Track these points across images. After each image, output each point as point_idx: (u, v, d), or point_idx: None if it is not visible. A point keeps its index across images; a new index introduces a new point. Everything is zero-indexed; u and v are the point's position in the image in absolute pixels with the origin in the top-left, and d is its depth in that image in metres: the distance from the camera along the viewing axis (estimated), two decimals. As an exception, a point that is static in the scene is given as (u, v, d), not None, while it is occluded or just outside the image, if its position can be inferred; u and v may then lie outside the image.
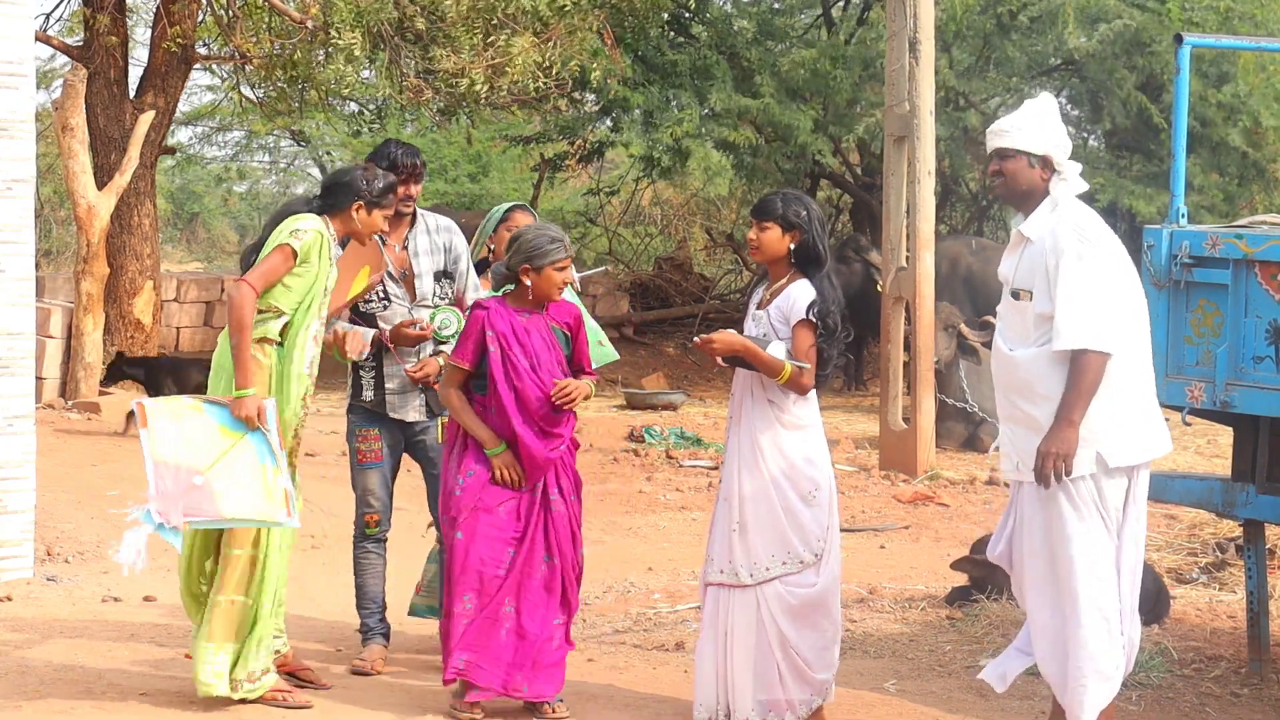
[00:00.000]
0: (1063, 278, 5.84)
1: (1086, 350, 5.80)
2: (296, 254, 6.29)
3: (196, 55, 15.24)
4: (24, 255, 8.44)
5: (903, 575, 9.48)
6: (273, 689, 6.39)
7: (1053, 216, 5.95)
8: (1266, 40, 13.38)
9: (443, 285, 7.00)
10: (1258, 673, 7.36)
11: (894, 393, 12.99)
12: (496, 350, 6.33)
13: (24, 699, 6.42)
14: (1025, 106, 6.12)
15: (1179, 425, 8.03)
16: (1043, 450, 5.83)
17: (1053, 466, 5.81)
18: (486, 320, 6.36)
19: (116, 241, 14.53)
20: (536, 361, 6.35)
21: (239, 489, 6.14)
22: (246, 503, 6.15)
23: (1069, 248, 5.86)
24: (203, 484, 6.10)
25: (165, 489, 6.06)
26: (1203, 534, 10.26)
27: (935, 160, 12.99)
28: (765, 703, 6.34)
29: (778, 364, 6.28)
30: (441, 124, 19.24)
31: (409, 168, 6.93)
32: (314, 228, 6.37)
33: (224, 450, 6.17)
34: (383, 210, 6.51)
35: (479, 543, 6.31)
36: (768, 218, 6.42)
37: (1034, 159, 6.00)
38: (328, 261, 6.40)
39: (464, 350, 6.39)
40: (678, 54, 17.07)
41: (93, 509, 10.05)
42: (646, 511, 11.21)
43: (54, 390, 13.82)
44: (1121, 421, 5.91)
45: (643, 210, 24.28)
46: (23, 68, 8.41)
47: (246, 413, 6.19)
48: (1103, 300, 5.84)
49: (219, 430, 6.20)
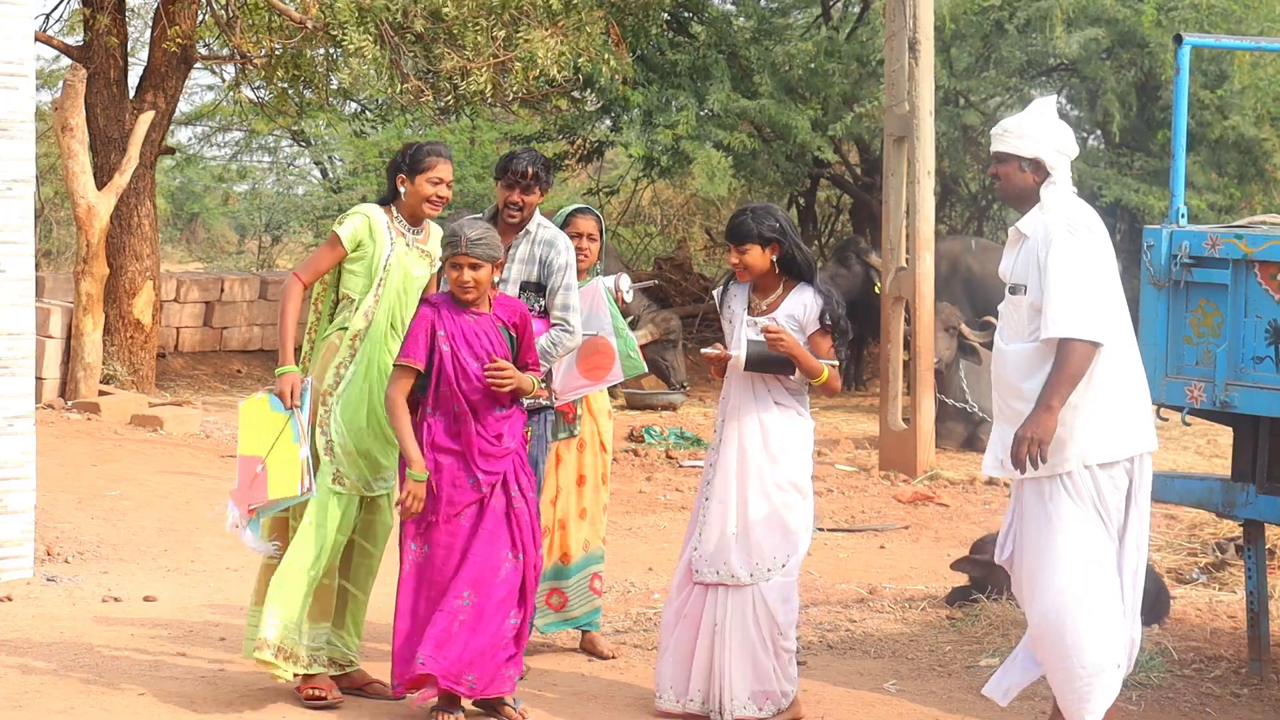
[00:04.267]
0: (1051, 268, 5.88)
1: (1073, 339, 5.82)
2: (342, 240, 6.51)
3: (196, 55, 15.22)
4: (24, 255, 8.44)
5: (903, 575, 9.49)
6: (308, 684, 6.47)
7: (1048, 213, 6.00)
8: (1266, 40, 13.37)
9: (528, 296, 6.87)
10: (1258, 673, 7.36)
11: (894, 393, 13.00)
12: (448, 350, 6.23)
13: (24, 699, 6.42)
14: (1027, 109, 6.17)
15: (1179, 425, 8.05)
16: (1019, 435, 5.85)
17: (1027, 451, 5.82)
18: (436, 318, 6.25)
19: (116, 241, 14.52)
20: (484, 364, 6.26)
21: (281, 470, 6.39)
22: (281, 482, 6.39)
23: (1057, 238, 5.91)
24: (262, 471, 6.40)
25: (242, 483, 6.42)
26: (1203, 534, 10.27)
27: (935, 160, 12.99)
28: (759, 694, 6.47)
29: (819, 366, 6.43)
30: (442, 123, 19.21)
31: (521, 174, 6.90)
32: (358, 211, 6.61)
33: (277, 434, 6.41)
34: (425, 175, 6.57)
35: (441, 553, 6.22)
36: (745, 240, 6.48)
37: (1025, 163, 6.05)
38: (384, 243, 6.53)
39: (411, 348, 6.25)
40: (677, 53, 17.07)
41: (93, 509, 10.05)
42: (646, 511, 11.21)
43: (54, 390, 13.81)
44: (1104, 417, 5.93)
45: (642, 210, 24.27)
46: (23, 68, 8.41)
47: (280, 389, 6.44)
48: (1090, 290, 5.87)
49: (275, 417, 6.45)
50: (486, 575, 6.23)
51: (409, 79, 14.22)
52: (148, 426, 13.06)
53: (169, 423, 13.09)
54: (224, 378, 16.66)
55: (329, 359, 6.54)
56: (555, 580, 7.34)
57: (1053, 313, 5.85)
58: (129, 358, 14.62)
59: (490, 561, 6.24)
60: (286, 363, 6.47)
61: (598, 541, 7.48)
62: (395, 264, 6.54)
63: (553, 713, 6.58)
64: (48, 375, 13.72)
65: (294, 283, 6.51)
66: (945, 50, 16.89)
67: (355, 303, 6.55)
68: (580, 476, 7.42)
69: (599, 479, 7.48)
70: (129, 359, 14.62)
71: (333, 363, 6.52)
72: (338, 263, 6.57)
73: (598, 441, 7.46)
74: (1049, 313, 5.86)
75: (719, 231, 23.29)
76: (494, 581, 6.24)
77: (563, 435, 7.33)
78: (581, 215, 7.42)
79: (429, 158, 6.59)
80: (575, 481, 7.40)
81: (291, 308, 6.46)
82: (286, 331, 6.48)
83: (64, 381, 13.90)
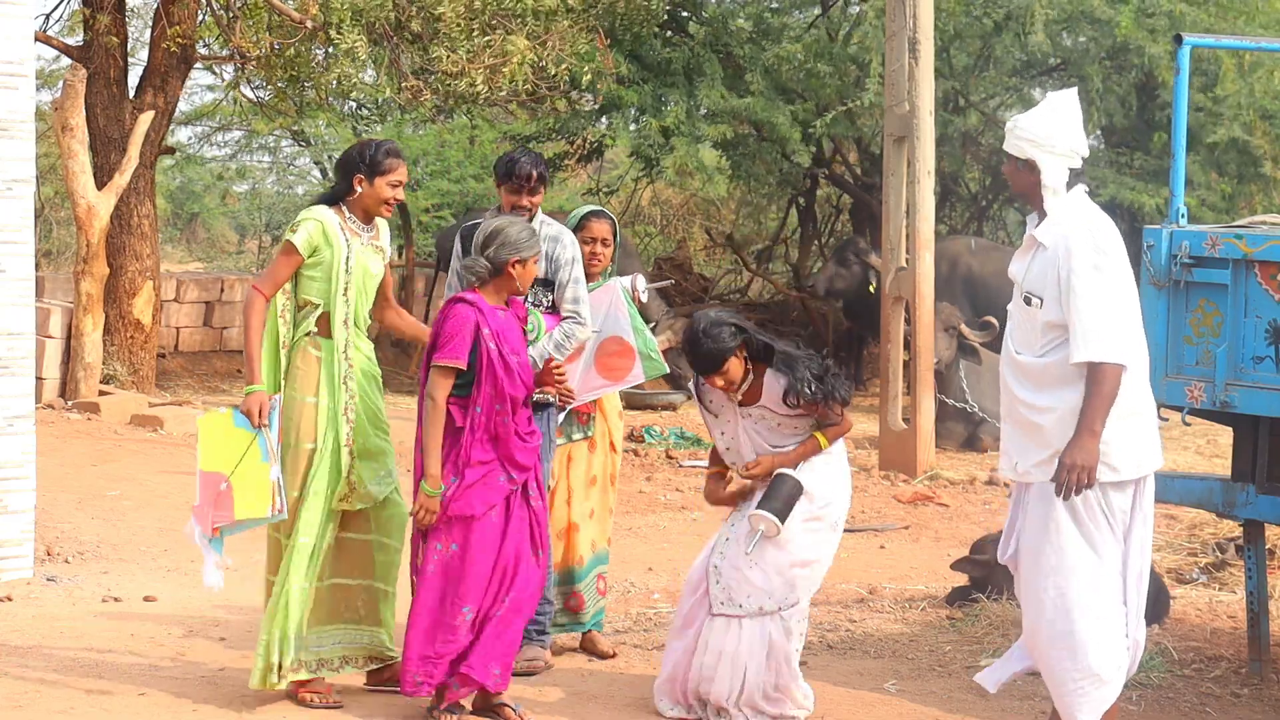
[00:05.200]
0: (1079, 289, 5.79)
1: (1105, 363, 5.77)
2: (297, 247, 6.40)
3: (196, 55, 15.22)
4: (24, 255, 8.44)
5: (903, 575, 9.49)
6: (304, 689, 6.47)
7: (1067, 223, 5.90)
8: (1267, 40, 13.37)
9: (537, 292, 6.87)
10: (1258, 673, 7.36)
11: (894, 393, 13.00)
12: (495, 349, 6.18)
13: (24, 699, 6.42)
14: (1039, 106, 6.12)
15: (1179, 425, 8.05)
16: (1066, 462, 5.78)
17: (1076, 479, 5.77)
18: (480, 318, 6.20)
19: (116, 241, 14.52)
20: (520, 359, 6.28)
21: (248, 489, 6.28)
22: (250, 503, 6.27)
23: (1085, 258, 5.81)
24: (226, 488, 6.28)
25: (204, 500, 6.29)
26: (1203, 534, 10.27)
27: (935, 160, 13.00)
28: (775, 715, 6.49)
29: (815, 445, 6.46)
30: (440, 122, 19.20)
31: (525, 178, 6.90)
32: (309, 216, 6.47)
33: (243, 452, 6.30)
34: (385, 177, 6.48)
35: (477, 552, 6.20)
36: (720, 363, 6.35)
37: (1020, 163, 6.01)
38: (340, 245, 6.44)
39: (459, 348, 6.15)
40: (672, 52, 17.05)
41: (93, 509, 10.06)
42: (646, 511, 11.21)
43: (54, 390, 13.82)
44: (1130, 434, 5.90)
45: (642, 210, 24.25)
46: (23, 68, 8.42)
47: (247, 407, 6.33)
48: (1120, 312, 5.81)
49: (239, 434, 6.33)
50: (521, 575, 6.25)
51: (407, 78, 14.22)
52: (148, 426, 13.07)
53: (169, 423, 13.09)
54: (224, 378, 16.66)
55: (313, 369, 6.44)
56: (571, 583, 7.33)
57: (1085, 336, 5.77)
58: (129, 358, 14.63)
59: (524, 561, 6.26)
60: (254, 381, 6.36)
61: (603, 542, 7.47)
62: (356, 264, 6.47)
63: (553, 713, 6.58)
64: (48, 375, 13.72)
65: (256, 297, 6.39)
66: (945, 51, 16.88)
67: (318, 307, 6.45)
68: (591, 477, 7.41)
69: (608, 479, 7.47)
70: (129, 359, 14.62)
71: (337, 378, 6.43)
72: (295, 270, 6.46)
73: (608, 441, 7.46)
74: (1081, 336, 5.78)
75: (719, 232, 23.28)
76: (527, 580, 6.27)
77: (577, 436, 7.32)
78: (596, 219, 7.38)
79: (388, 159, 6.49)
80: (586, 482, 7.40)
81: (256, 323, 6.37)
82: (253, 348, 6.37)
83: (64, 381, 13.90)
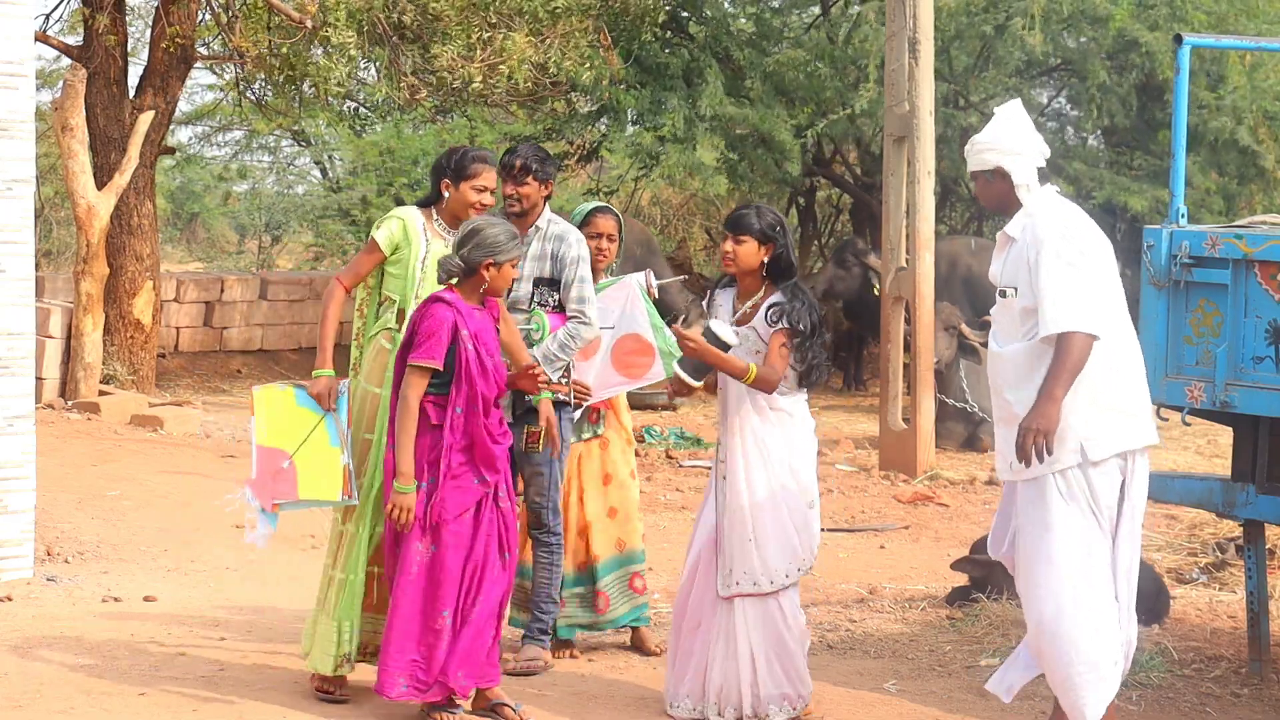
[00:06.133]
0: (1043, 268, 5.88)
1: (1071, 332, 5.81)
2: (379, 244, 6.62)
3: (196, 55, 15.22)
4: (24, 255, 8.44)
5: (903, 575, 9.49)
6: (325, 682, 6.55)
7: (1037, 214, 6.01)
8: (1267, 40, 13.37)
9: (542, 292, 6.91)
10: (1258, 673, 7.36)
11: (894, 393, 13.00)
12: (472, 350, 6.18)
13: (24, 699, 6.42)
14: (990, 121, 6.17)
15: (1179, 425, 8.05)
16: (1023, 426, 5.83)
17: (1033, 442, 5.80)
18: (459, 318, 6.19)
19: (116, 241, 14.51)
20: (494, 360, 6.28)
21: (315, 471, 6.44)
22: (317, 484, 6.44)
23: (1048, 239, 5.91)
24: (289, 467, 6.44)
25: (262, 473, 6.44)
26: (1203, 534, 10.27)
27: (935, 160, 13.00)
28: (779, 696, 6.49)
29: (742, 367, 6.36)
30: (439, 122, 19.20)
31: (507, 166, 6.96)
32: (394, 215, 6.72)
33: (308, 432, 6.46)
34: (470, 182, 6.63)
35: (451, 554, 6.19)
36: (744, 232, 6.47)
37: (989, 174, 6.07)
38: (420, 244, 6.62)
39: (435, 348, 6.13)
40: (671, 55, 17.03)
41: (93, 509, 10.05)
42: (646, 511, 11.15)
43: (54, 390, 13.81)
44: (1103, 413, 5.92)
45: (642, 210, 24.25)
46: (23, 68, 8.42)
47: (316, 390, 6.52)
48: (1083, 285, 5.87)
49: (304, 413, 6.51)
50: (489, 578, 6.23)
51: (406, 77, 14.22)
52: (148, 426, 13.06)
53: (169, 423, 13.09)
54: (224, 378, 16.66)
55: (383, 360, 6.56)
56: (593, 582, 7.32)
57: (1048, 310, 5.85)
58: (129, 358, 14.62)
59: (491, 564, 6.24)
60: (324, 365, 6.58)
61: (635, 540, 7.42)
62: (432, 265, 6.57)
63: (553, 713, 6.58)
64: (48, 375, 13.71)
65: (336, 287, 6.65)
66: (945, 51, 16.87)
67: (395, 303, 6.63)
68: (606, 475, 7.40)
69: (628, 474, 7.46)
70: (129, 359, 14.61)
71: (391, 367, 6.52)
72: (376, 266, 6.67)
73: (622, 438, 7.45)
74: (1044, 310, 5.85)
75: (719, 232, 23.29)
76: (495, 583, 6.25)
77: (587, 435, 7.33)
78: (601, 215, 7.40)
79: (474, 164, 6.65)
80: (601, 480, 7.39)
81: (332, 312, 6.62)
82: (326, 334, 6.61)
83: (64, 381, 13.89)
